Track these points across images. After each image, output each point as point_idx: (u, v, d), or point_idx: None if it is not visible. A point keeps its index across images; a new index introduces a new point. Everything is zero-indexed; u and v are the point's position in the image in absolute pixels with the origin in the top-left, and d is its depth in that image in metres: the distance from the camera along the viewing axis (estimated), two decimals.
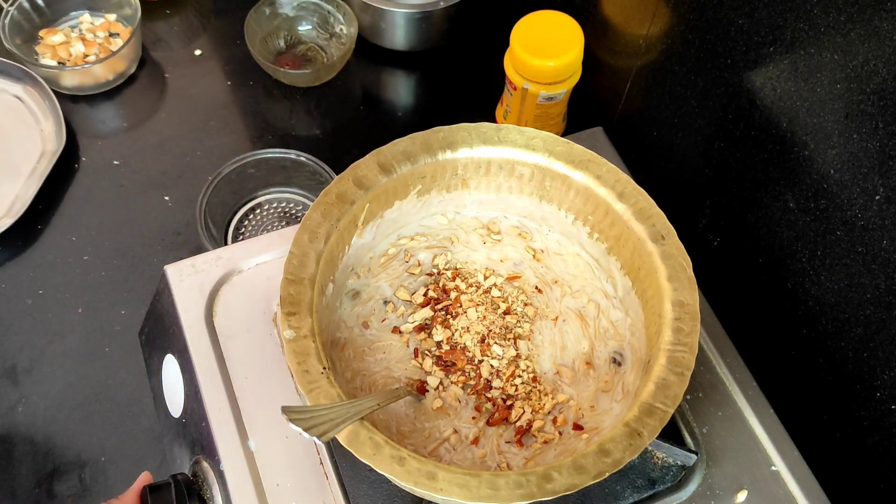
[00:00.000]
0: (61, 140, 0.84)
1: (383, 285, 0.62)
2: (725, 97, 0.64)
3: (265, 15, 0.91)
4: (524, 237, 0.64)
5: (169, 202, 0.85)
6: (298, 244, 0.54)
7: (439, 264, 0.63)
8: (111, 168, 0.87)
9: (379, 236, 0.61)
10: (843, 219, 0.55)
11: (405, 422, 0.57)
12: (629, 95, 0.80)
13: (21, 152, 0.85)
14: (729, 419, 0.61)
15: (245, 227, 0.83)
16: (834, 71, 0.52)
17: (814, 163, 0.57)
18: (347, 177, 0.57)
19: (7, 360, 0.77)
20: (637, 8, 0.74)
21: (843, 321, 0.58)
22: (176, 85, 0.92)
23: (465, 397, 0.59)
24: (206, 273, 0.64)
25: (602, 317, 0.61)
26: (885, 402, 0.56)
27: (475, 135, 0.59)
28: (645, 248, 0.56)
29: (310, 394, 0.49)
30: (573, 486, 0.47)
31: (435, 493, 0.46)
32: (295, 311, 0.52)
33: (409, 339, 0.60)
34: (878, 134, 0.50)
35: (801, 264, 0.61)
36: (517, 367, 0.59)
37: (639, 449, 0.48)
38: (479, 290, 0.62)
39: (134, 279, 0.81)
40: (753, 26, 0.58)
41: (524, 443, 0.56)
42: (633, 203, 0.57)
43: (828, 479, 0.59)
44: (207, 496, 0.57)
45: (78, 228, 0.84)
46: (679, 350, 0.52)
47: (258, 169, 0.82)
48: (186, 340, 0.61)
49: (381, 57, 0.94)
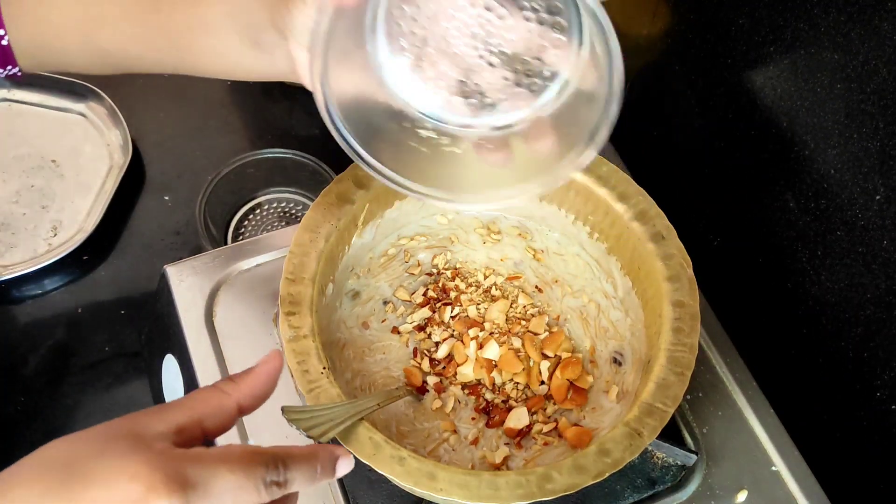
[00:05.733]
0: (128, 153, 0.84)
1: (383, 286, 0.62)
2: (725, 97, 0.64)
3: None
4: (524, 237, 0.64)
5: (169, 202, 0.85)
6: (298, 244, 0.54)
7: (439, 264, 0.63)
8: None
9: (379, 236, 0.61)
10: (844, 219, 0.55)
11: (405, 422, 0.57)
12: (629, 95, 0.80)
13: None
14: (729, 419, 0.61)
15: (245, 227, 0.83)
16: (834, 71, 0.52)
17: (814, 163, 0.57)
18: (347, 177, 0.57)
19: (7, 360, 0.77)
20: (637, 8, 0.74)
21: (843, 321, 0.58)
22: (176, 85, 0.92)
23: (464, 398, 0.59)
24: (206, 273, 0.64)
25: (602, 317, 0.61)
26: (885, 402, 0.56)
27: None
28: (645, 248, 0.56)
29: (310, 394, 0.49)
30: (573, 486, 0.47)
31: (435, 493, 0.46)
32: (295, 311, 0.52)
33: (409, 339, 0.60)
34: (879, 134, 0.50)
35: (801, 264, 0.61)
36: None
37: (639, 449, 0.48)
38: (478, 289, 0.62)
39: (134, 279, 0.81)
40: (753, 26, 0.58)
41: (523, 444, 0.56)
42: (633, 203, 0.57)
43: (828, 479, 0.59)
44: None
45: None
46: (679, 350, 0.52)
47: (258, 169, 0.82)
48: (186, 340, 0.61)
49: None
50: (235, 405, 0.40)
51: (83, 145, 0.86)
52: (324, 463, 0.39)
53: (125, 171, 0.83)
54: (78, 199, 0.83)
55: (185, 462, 0.35)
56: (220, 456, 0.36)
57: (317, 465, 0.39)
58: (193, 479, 0.34)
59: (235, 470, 0.35)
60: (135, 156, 0.85)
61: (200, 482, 0.34)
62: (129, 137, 0.85)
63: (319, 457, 0.39)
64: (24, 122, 0.87)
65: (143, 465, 0.34)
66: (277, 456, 0.37)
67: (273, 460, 0.37)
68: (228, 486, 0.35)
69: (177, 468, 0.34)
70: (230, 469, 0.35)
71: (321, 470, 0.39)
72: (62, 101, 0.88)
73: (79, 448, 0.35)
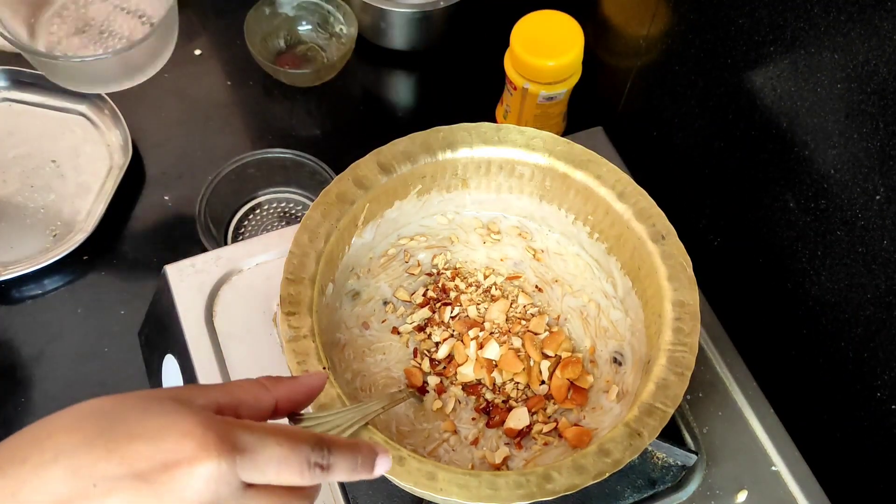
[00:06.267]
0: (128, 153, 0.84)
1: (383, 286, 0.62)
2: (725, 97, 0.64)
3: (265, 15, 0.90)
4: (524, 237, 0.64)
5: (169, 202, 0.85)
6: (298, 244, 0.54)
7: (439, 264, 0.63)
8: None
9: (379, 236, 0.61)
10: (844, 219, 0.55)
11: (405, 422, 0.57)
12: (629, 95, 0.80)
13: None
14: (729, 419, 0.61)
15: (245, 227, 0.83)
16: (834, 71, 0.52)
17: (814, 163, 0.57)
18: (347, 177, 0.57)
19: (7, 360, 0.77)
20: (637, 8, 0.74)
21: (843, 321, 0.58)
22: (175, 85, 0.92)
23: (464, 398, 0.59)
24: (206, 273, 0.64)
25: (602, 316, 0.61)
26: (885, 402, 0.56)
27: (475, 135, 0.59)
28: (645, 248, 0.56)
29: None
30: (573, 486, 0.47)
31: (435, 493, 0.46)
32: (295, 311, 0.52)
33: (409, 340, 0.60)
34: (879, 134, 0.50)
35: (801, 264, 0.61)
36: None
37: (639, 449, 0.48)
38: (478, 289, 0.62)
39: (134, 279, 0.81)
40: (753, 26, 0.58)
41: (524, 444, 0.56)
42: (634, 203, 0.57)
43: (828, 479, 0.59)
44: None
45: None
46: (679, 350, 0.52)
47: (258, 169, 0.82)
48: (186, 340, 0.61)
49: (381, 57, 0.94)
50: (273, 402, 0.39)
51: (83, 145, 0.86)
52: (365, 456, 0.38)
53: (125, 171, 0.83)
54: (78, 199, 0.83)
55: (236, 427, 0.34)
56: (269, 428, 0.35)
57: (358, 456, 0.38)
58: (243, 443, 0.33)
59: (283, 443, 0.35)
60: (135, 156, 0.85)
61: (249, 448, 0.34)
62: (129, 137, 0.85)
63: (361, 449, 0.38)
64: (24, 122, 0.87)
65: (196, 425, 0.33)
66: (323, 439, 0.36)
67: (319, 442, 0.36)
68: (275, 457, 0.34)
69: (228, 430, 0.34)
70: (278, 441, 0.34)
71: (362, 463, 0.38)
72: (62, 101, 0.88)
73: (120, 404, 0.35)
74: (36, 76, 0.86)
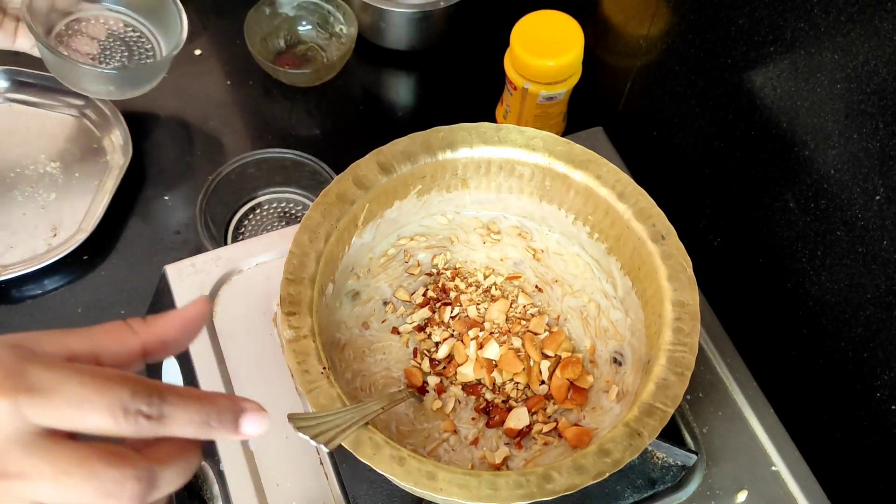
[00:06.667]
0: (128, 153, 0.84)
1: (383, 286, 0.62)
2: (725, 97, 0.64)
3: (265, 15, 0.91)
4: (524, 237, 0.64)
5: (169, 202, 0.85)
6: (298, 244, 0.54)
7: (439, 264, 0.63)
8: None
9: (379, 236, 0.61)
10: (844, 219, 0.55)
11: (405, 422, 0.57)
12: (629, 95, 0.80)
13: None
14: (729, 419, 0.61)
15: (245, 227, 0.83)
16: (834, 71, 0.52)
17: (814, 163, 0.57)
18: (347, 177, 0.57)
19: None
20: (637, 8, 0.74)
21: (843, 321, 0.58)
22: (175, 85, 0.92)
23: (464, 398, 0.59)
24: (206, 273, 0.64)
25: (602, 316, 0.61)
26: (885, 402, 0.56)
27: (475, 135, 0.59)
28: (645, 248, 0.56)
29: (310, 394, 0.49)
30: (573, 486, 0.47)
31: (435, 493, 0.46)
32: (295, 311, 0.52)
33: (409, 340, 0.60)
34: (879, 134, 0.50)
35: (801, 264, 0.61)
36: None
37: (639, 449, 0.48)
38: (478, 289, 0.62)
39: (134, 279, 0.81)
40: (753, 26, 0.58)
41: (524, 444, 0.56)
42: (634, 203, 0.57)
43: (828, 479, 0.59)
44: (207, 496, 0.57)
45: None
46: (679, 350, 0.52)
47: (258, 169, 0.82)
48: None
49: (381, 57, 0.94)
50: (140, 346, 0.35)
51: (83, 145, 0.86)
52: (222, 413, 0.33)
53: (125, 171, 0.83)
54: (78, 199, 0.83)
55: (31, 362, 0.31)
56: (78, 367, 0.31)
57: (212, 412, 0.33)
58: (36, 382, 0.30)
59: (87, 383, 0.30)
60: (135, 156, 0.85)
61: (44, 387, 0.30)
62: (129, 137, 0.85)
63: (218, 404, 0.33)
64: (24, 122, 0.87)
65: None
66: (155, 386, 0.32)
67: (146, 388, 0.31)
68: (73, 400, 0.30)
69: (19, 367, 0.30)
70: (81, 381, 0.30)
71: (218, 421, 0.33)
72: (62, 101, 0.88)
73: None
74: (36, 76, 0.86)
